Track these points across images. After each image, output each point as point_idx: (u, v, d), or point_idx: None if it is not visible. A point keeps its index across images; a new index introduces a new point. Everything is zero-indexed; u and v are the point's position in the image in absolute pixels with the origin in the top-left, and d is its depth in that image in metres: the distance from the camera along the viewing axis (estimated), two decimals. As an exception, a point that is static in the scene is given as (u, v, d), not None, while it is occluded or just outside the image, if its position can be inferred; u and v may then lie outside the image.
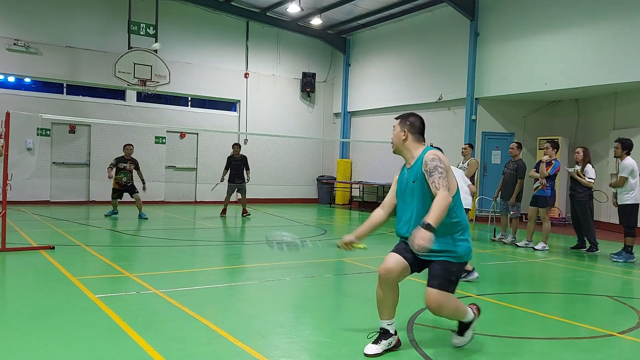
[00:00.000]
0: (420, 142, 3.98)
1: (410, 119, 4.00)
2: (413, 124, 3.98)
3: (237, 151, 13.57)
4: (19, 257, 7.22)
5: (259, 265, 7.74)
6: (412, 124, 3.97)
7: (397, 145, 4.02)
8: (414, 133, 3.96)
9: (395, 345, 3.92)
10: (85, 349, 3.76)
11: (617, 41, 11.45)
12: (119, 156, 12.48)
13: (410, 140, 3.96)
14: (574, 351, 4.16)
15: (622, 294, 6.55)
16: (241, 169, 13.47)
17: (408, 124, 3.98)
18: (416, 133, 3.97)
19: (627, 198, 8.46)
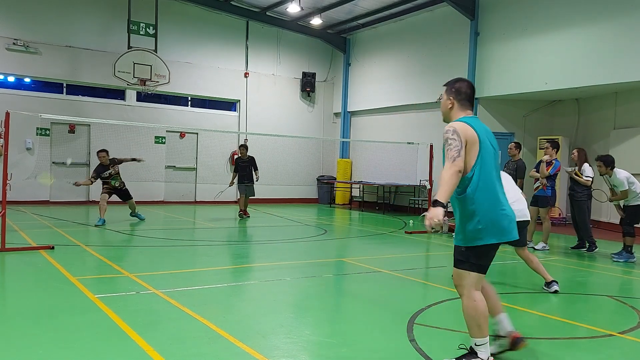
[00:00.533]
0: (465, 109, 3.77)
1: (456, 85, 3.81)
2: (459, 90, 3.80)
3: (243, 153, 13.50)
4: (19, 257, 7.21)
5: (259, 265, 7.74)
6: (457, 90, 3.80)
7: (444, 115, 3.87)
8: (460, 100, 3.78)
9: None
10: (85, 349, 3.75)
11: (617, 41, 11.44)
12: (97, 166, 11.42)
13: (456, 108, 3.80)
14: (574, 351, 4.15)
15: (623, 293, 6.55)
16: (249, 170, 13.36)
17: (454, 90, 3.80)
18: (463, 100, 3.78)
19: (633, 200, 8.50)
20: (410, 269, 7.35)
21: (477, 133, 3.60)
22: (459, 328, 4.57)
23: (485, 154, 3.59)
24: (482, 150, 3.58)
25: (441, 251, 9.54)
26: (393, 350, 3.94)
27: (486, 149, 3.61)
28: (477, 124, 3.68)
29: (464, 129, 3.58)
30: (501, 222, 3.51)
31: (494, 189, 3.56)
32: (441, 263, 8.38)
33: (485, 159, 3.58)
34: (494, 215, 3.50)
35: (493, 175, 3.59)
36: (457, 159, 3.52)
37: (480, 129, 3.66)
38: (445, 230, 11.50)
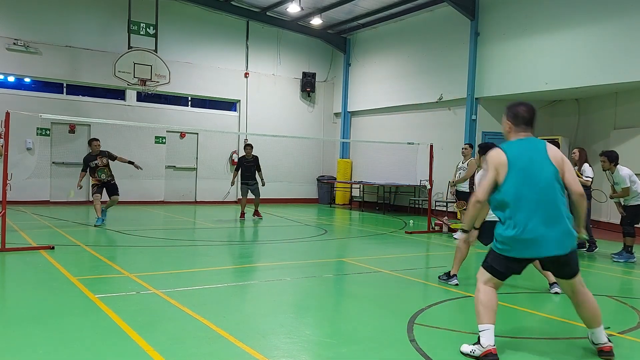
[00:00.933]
0: (518, 132, 3.97)
1: (513, 109, 4.00)
2: (516, 114, 3.98)
3: (249, 152, 13.18)
4: (19, 257, 7.21)
5: (259, 265, 7.74)
6: (515, 115, 3.99)
7: (505, 136, 4.09)
8: (518, 124, 3.97)
9: None
10: (85, 349, 3.75)
11: (617, 41, 11.44)
12: (86, 155, 11.28)
13: (513, 131, 4.00)
14: (574, 351, 4.15)
15: (622, 293, 6.55)
16: (254, 170, 13.12)
17: (511, 115, 3.99)
18: (520, 124, 3.96)
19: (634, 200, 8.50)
20: (410, 269, 7.35)
21: (507, 157, 3.84)
22: (459, 328, 4.58)
23: (518, 174, 3.79)
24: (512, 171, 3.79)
25: (441, 251, 9.54)
26: (393, 351, 3.94)
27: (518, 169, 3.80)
28: (515, 147, 3.92)
29: (493, 156, 3.89)
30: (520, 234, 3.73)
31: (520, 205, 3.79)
32: (441, 263, 8.38)
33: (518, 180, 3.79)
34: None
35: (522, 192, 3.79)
36: (478, 190, 3.90)
37: (515, 151, 3.88)
38: (445, 231, 11.51)
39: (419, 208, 16.29)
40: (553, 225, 3.69)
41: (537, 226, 3.68)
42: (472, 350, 3.83)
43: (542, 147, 3.93)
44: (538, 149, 3.91)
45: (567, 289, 3.94)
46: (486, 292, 3.86)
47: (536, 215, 3.70)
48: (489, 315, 3.81)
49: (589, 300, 3.91)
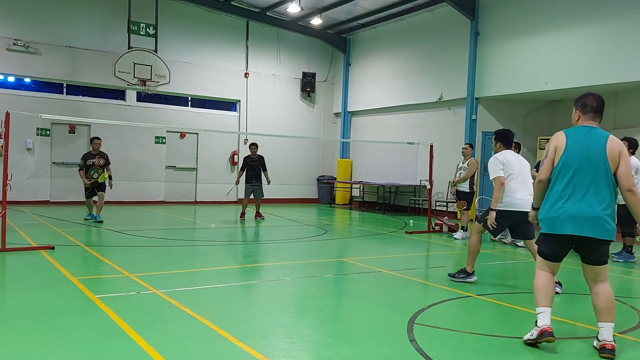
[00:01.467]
0: (587, 120, 4.15)
1: (582, 100, 4.20)
2: (584, 103, 4.17)
3: (254, 151, 13.12)
4: (19, 257, 7.22)
5: (259, 265, 7.74)
6: (583, 104, 4.18)
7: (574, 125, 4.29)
8: (586, 112, 4.15)
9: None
10: (86, 349, 3.76)
11: (617, 41, 11.45)
12: (85, 152, 11.90)
13: (581, 120, 4.19)
14: (574, 351, 4.15)
15: (622, 293, 6.55)
16: (258, 170, 13.04)
17: (580, 104, 4.20)
18: (588, 112, 4.15)
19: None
20: (410, 269, 7.36)
21: (566, 140, 4.11)
22: (460, 328, 4.58)
23: (570, 158, 4.07)
24: (566, 154, 4.08)
25: (441, 251, 9.54)
26: (393, 350, 3.94)
27: (571, 154, 4.07)
28: (577, 132, 4.14)
29: (557, 138, 4.16)
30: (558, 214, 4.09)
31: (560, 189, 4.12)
32: (441, 263, 8.39)
33: (568, 163, 4.08)
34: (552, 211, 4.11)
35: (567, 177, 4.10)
36: (541, 169, 4.21)
37: (576, 136, 4.11)
38: (445, 231, 11.51)
39: (419, 208, 16.29)
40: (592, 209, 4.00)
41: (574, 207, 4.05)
42: (531, 334, 4.13)
43: (604, 138, 4.10)
44: (592, 137, 4.10)
45: (590, 276, 4.18)
46: (541, 277, 4.23)
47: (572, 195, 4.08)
48: (543, 299, 4.16)
49: (607, 291, 4.11)
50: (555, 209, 4.08)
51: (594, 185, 4.01)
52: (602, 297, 4.10)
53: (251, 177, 13.01)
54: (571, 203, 4.03)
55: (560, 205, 4.06)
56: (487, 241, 10.59)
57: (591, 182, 4.01)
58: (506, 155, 6.42)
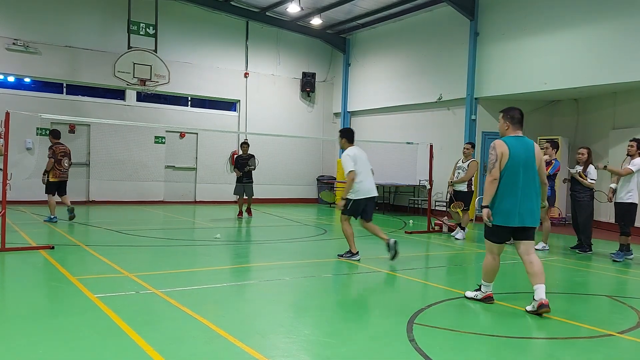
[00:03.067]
0: (515, 130, 5.25)
1: (510, 112, 5.27)
2: (512, 116, 5.25)
3: (245, 150, 13.32)
4: (19, 257, 7.21)
5: (258, 265, 7.74)
6: (512, 117, 5.25)
7: (501, 134, 5.34)
8: (514, 124, 5.23)
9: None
10: (85, 349, 3.75)
11: (617, 41, 11.45)
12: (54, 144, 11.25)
13: (510, 129, 5.26)
14: (574, 351, 4.16)
15: (622, 293, 6.55)
16: (248, 168, 13.25)
17: (509, 117, 5.26)
18: (515, 123, 5.23)
19: (628, 197, 8.44)
20: (410, 269, 7.36)
21: (509, 148, 5.09)
22: (459, 328, 4.58)
23: (514, 164, 5.08)
24: (511, 160, 5.07)
25: (441, 251, 9.54)
26: (393, 350, 3.94)
27: (515, 160, 5.08)
28: (514, 141, 5.18)
29: (501, 145, 5.12)
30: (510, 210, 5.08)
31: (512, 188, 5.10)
32: (441, 263, 8.39)
33: (513, 168, 5.09)
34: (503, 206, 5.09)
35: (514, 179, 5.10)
36: (492, 170, 5.09)
37: (515, 144, 5.14)
38: (445, 231, 11.51)
39: (418, 208, 16.30)
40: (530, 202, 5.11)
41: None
42: (475, 295, 5.41)
43: (532, 145, 5.23)
44: (526, 145, 5.21)
45: (524, 250, 5.23)
46: (490, 259, 5.36)
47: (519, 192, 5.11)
48: (489, 277, 5.38)
49: (538, 259, 5.20)
50: (507, 204, 5.05)
51: (531, 183, 5.10)
52: (535, 264, 5.11)
53: (241, 176, 13.21)
54: (519, 199, 5.04)
55: (512, 202, 5.03)
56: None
57: (530, 181, 5.09)
58: (355, 151, 7.50)
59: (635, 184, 8.44)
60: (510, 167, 5.05)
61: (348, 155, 7.47)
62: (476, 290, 5.48)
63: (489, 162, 5.13)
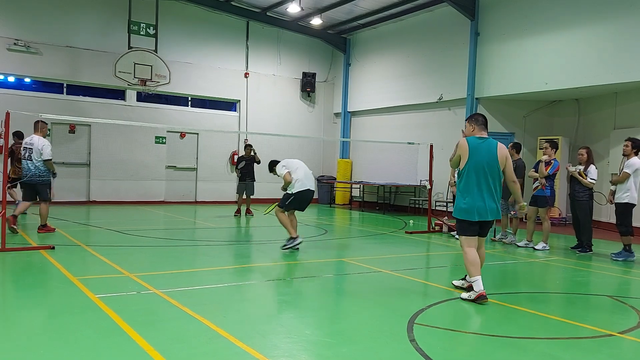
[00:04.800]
0: (481, 131, 5.68)
1: (474, 117, 5.76)
2: (476, 119, 5.73)
3: (248, 152, 13.83)
4: (19, 257, 7.22)
5: (259, 265, 7.74)
6: (475, 120, 5.73)
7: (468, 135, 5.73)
8: (478, 125, 5.69)
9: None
10: (85, 349, 3.76)
11: (617, 41, 11.45)
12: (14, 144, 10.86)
13: (476, 130, 5.70)
14: (574, 351, 4.16)
15: (622, 293, 6.55)
16: (251, 168, 13.73)
17: (473, 120, 5.73)
18: (479, 125, 5.68)
19: (624, 197, 8.49)
20: (410, 269, 7.36)
21: (469, 147, 5.51)
22: (460, 328, 4.58)
23: (474, 163, 5.50)
24: (470, 159, 5.51)
25: (441, 251, 9.54)
26: (393, 350, 3.94)
27: (475, 159, 5.49)
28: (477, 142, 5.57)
29: (463, 144, 5.56)
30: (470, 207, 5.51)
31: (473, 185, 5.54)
32: (441, 263, 8.39)
33: (473, 167, 5.51)
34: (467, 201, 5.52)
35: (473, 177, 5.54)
36: (450, 164, 5.81)
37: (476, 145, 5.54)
38: (445, 231, 11.51)
39: (419, 208, 16.30)
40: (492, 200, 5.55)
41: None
42: (469, 296, 5.46)
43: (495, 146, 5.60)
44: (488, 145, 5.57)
45: (479, 243, 5.69)
46: (470, 252, 5.55)
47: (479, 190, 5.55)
48: (474, 269, 5.48)
49: (483, 253, 5.80)
50: (467, 201, 5.52)
51: (491, 182, 5.49)
52: (482, 257, 5.69)
53: (245, 175, 13.68)
54: (478, 197, 5.49)
55: (471, 199, 5.50)
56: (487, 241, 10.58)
57: (490, 179, 5.49)
58: (287, 160, 8.88)
59: (632, 184, 8.45)
60: (471, 166, 5.44)
61: (281, 163, 8.82)
62: (467, 292, 5.58)
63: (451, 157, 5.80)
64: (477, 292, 5.36)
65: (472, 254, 5.52)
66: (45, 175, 9.23)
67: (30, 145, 9.18)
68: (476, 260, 5.49)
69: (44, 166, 9.18)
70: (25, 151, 9.17)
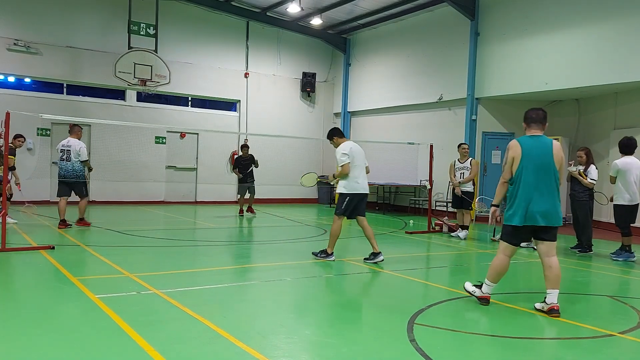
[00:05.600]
0: (530, 130, 5.21)
1: (527, 114, 5.27)
2: (525, 116, 5.27)
3: (245, 152, 13.93)
4: (19, 257, 7.22)
5: (259, 265, 7.74)
6: (525, 117, 5.26)
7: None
8: (528, 123, 5.24)
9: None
10: (86, 349, 3.76)
11: (617, 41, 11.45)
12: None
13: (527, 128, 5.26)
14: (574, 351, 4.16)
15: (622, 293, 6.55)
16: (251, 168, 13.90)
17: (525, 117, 5.26)
18: (529, 122, 5.22)
19: (615, 198, 8.60)
20: (410, 269, 7.35)
21: (522, 148, 5.09)
22: (460, 328, 4.58)
23: (528, 164, 5.06)
24: (524, 161, 5.07)
25: (441, 251, 9.54)
26: (393, 351, 3.94)
27: (529, 160, 5.06)
28: (529, 141, 5.14)
29: (514, 146, 5.14)
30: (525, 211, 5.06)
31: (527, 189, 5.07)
32: (441, 263, 8.39)
33: (527, 168, 5.07)
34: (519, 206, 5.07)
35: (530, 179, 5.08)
36: (504, 173, 5.21)
37: (529, 144, 5.11)
38: (445, 231, 11.51)
39: (419, 208, 16.29)
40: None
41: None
42: (474, 291, 5.35)
43: (546, 142, 5.15)
44: (543, 143, 5.13)
45: (544, 250, 5.18)
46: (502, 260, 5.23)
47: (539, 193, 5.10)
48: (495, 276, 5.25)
49: (557, 263, 5.16)
50: (520, 205, 5.06)
51: (548, 183, 5.06)
52: (554, 269, 5.08)
53: (245, 176, 13.86)
54: (532, 200, 5.04)
55: (525, 202, 5.06)
56: (487, 241, 10.59)
57: (546, 181, 5.06)
58: (350, 146, 7.49)
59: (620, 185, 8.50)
60: (524, 168, 5.04)
61: (343, 150, 7.47)
62: (476, 286, 5.39)
63: (503, 164, 5.24)
64: (483, 293, 5.28)
65: (502, 260, 5.20)
66: (82, 174, 10.26)
67: (67, 148, 10.11)
68: (501, 269, 5.20)
69: (81, 166, 10.17)
70: (63, 153, 10.12)
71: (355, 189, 7.41)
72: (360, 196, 7.49)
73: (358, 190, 7.43)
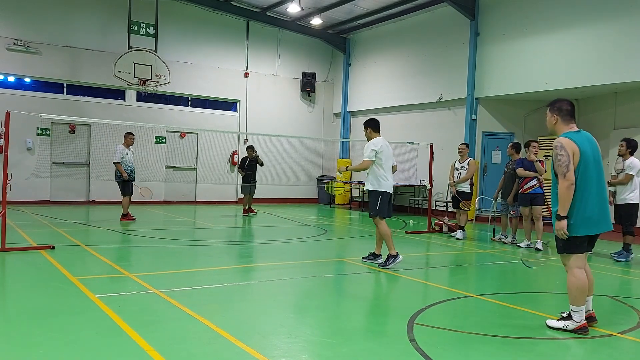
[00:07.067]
0: (568, 123, 4.63)
1: (557, 104, 4.66)
2: (560, 108, 4.64)
3: (251, 153, 14.10)
4: (19, 257, 7.22)
5: (259, 265, 7.74)
6: (559, 108, 4.64)
7: (551, 129, 4.75)
8: (563, 116, 4.62)
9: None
10: (86, 349, 3.76)
11: (617, 41, 11.45)
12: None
13: (559, 122, 4.64)
14: (574, 351, 4.16)
15: (622, 293, 6.55)
16: (255, 169, 14.12)
17: (556, 109, 4.65)
18: (565, 115, 4.62)
19: (632, 197, 8.48)
20: (410, 269, 7.35)
21: (578, 145, 4.47)
22: (459, 328, 4.58)
23: (586, 162, 4.46)
24: (582, 159, 4.45)
25: (441, 251, 9.54)
26: (393, 351, 3.94)
27: (586, 158, 4.47)
28: (579, 137, 4.57)
29: (569, 144, 4.44)
30: (593, 217, 4.43)
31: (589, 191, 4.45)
32: (441, 263, 8.39)
33: (586, 167, 4.47)
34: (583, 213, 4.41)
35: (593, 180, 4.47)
36: (567, 174, 4.38)
37: (582, 140, 4.56)
38: (445, 231, 11.51)
39: (419, 208, 16.29)
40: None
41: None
42: (565, 325, 4.51)
43: (592, 138, 4.70)
44: (590, 139, 4.70)
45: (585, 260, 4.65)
46: (580, 275, 4.53)
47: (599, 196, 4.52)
48: (581, 297, 4.52)
49: (589, 271, 4.72)
50: (591, 209, 4.42)
51: (603, 183, 4.55)
52: (590, 276, 4.70)
53: (249, 175, 14.02)
54: (600, 202, 4.47)
55: (594, 206, 4.43)
56: (487, 241, 10.59)
57: (602, 180, 4.54)
58: (380, 143, 7.50)
59: (636, 184, 8.46)
60: (584, 167, 4.45)
61: (374, 146, 7.45)
62: (563, 319, 4.59)
63: (560, 165, 4.39)
64: (577, 322, 4.46)
65: (583, 278, 4.50)
66: (117, 175, 11.62)
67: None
68: (584, 285, 4.50)
69: (116, 167, 11.57)
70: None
71: (385, 187, 7.28)
72: (389, 194, 7.34)
73: (387, 189, 7.30)
